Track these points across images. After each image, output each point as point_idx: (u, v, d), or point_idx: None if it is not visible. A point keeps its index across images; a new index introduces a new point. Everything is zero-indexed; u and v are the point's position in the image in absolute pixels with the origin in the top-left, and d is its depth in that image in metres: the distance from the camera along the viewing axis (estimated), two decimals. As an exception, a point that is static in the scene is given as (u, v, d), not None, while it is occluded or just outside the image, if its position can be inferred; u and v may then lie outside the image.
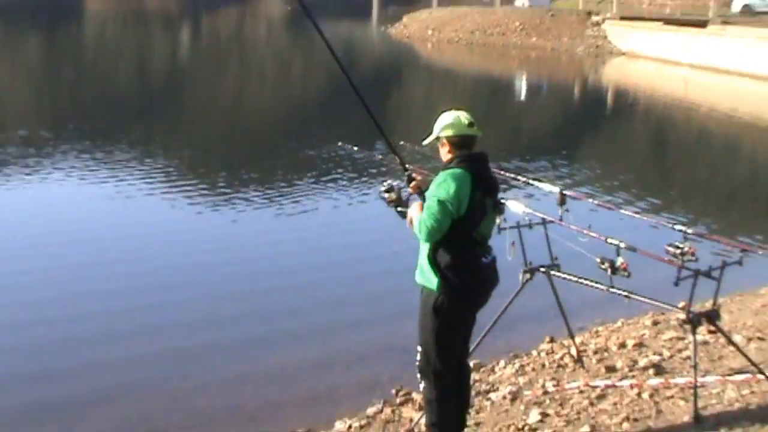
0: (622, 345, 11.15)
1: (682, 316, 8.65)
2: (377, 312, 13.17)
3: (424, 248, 7.32)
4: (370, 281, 14.66)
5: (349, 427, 9.70)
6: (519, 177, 9.60)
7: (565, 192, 9.12)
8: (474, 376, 10.63)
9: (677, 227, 8.60)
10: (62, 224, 18.50)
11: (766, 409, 8.09)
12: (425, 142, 7.63)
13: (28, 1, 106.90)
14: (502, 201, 8.65)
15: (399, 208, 7.87)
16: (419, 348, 7.50)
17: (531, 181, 9.69)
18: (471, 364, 10.07)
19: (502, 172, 10.21)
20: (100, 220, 19.11)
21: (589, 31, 71.09)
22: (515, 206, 9.04)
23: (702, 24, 61.12)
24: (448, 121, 7.42)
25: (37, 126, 30.82)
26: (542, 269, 9.51)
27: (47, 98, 41.24)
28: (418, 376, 7.64)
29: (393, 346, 11.34)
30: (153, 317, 13.17)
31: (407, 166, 7.93)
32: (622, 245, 8.57)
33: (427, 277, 7.32)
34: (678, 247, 8.27)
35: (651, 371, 9.87)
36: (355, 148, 9.30)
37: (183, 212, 19.68)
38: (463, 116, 7.47)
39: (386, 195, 7.93)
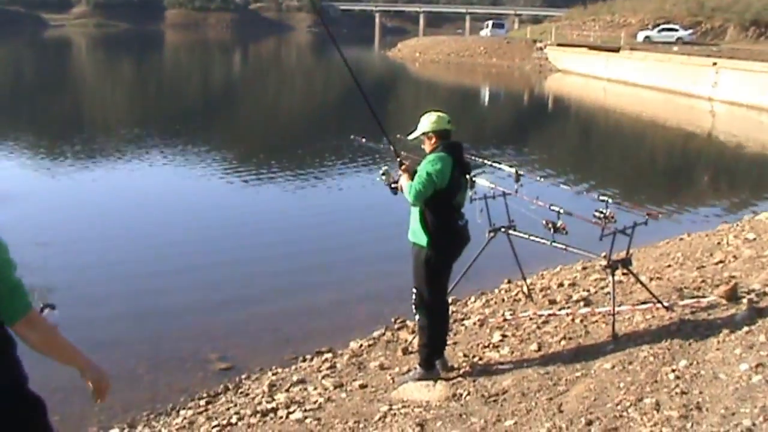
0: (561, 284, 11.15)
1: (604, 262, 8.63)
2: (380, 265, 13.18)
3: (416, 214, 7.37)
4: (374, 243, 14.68)
5: (360, 345, 9.72)
6: (486, 161, 9.54)
7: (519, 171, 9.08)
8: (452, 308, 10.63)
9: (601, 198, 8.56)
10: (151, 200, 18.58)
11: (662, 328, 8.09)
12: (412, 137, 7.65)
13: (124, 35, 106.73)
14: (473, 178, 8.63)
15: (392, 185, 7.89)
16: (414, 290, 7.54)
17: (494, 164, 9.63)
18: (449, 300, 10.09)
19: (473, 157, 10.16)
20: (177, 197, 19.29)
21: (534, 54, 71.02)
22: (482, 182, 8.99)
23: (616, 49, 61.05)
24: (434, 120, 7.49)
25: (132, 126, 30.77)
26: (503, 229, 9.51)
27: (139, 105, 41.19)
28: (414, 309, 7.69)
29: (392, 288, 11.33)
30: (219, 271, 13.19)
31: (400, 153, 7.98)
32: (562, 211, 8.55)
33: (418, 237, 7.41)
34: (602, 213, 8.25)
35: (581, 303, 9.85)
36: (363, 140, 9.25)
37: (236, 191, 19.67)
38: (443, 116, 7.56)
39: (383, 177, 7.96)
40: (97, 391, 4.02)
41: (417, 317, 7.77)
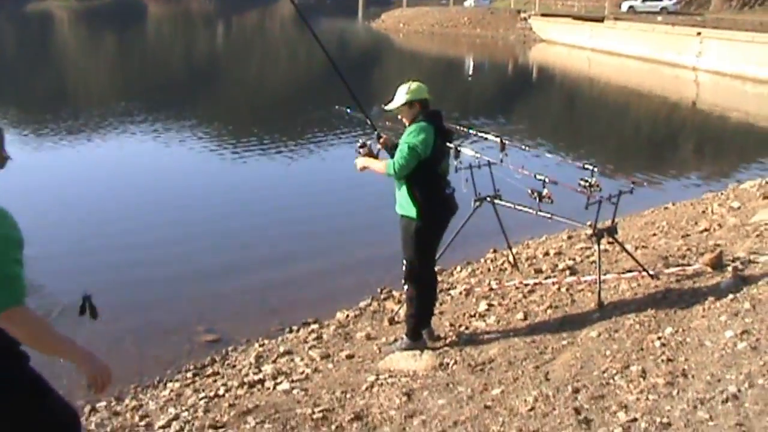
0: (546, 253, 11.16)
1: (590, 231, 8.62)
2: (365, 235, 13.16)
3: (403, 187, 7.33)
4: (360, 214, 14.66)
5: (347, 316, 9.72)
6: (471, 130, 9.48)
7: (504, 141, 9.03)
8: (438, 278, 10.64)
9: (587, 166, 8.52)
10: (136, 172, 18.51)
11: (648, 297, 8.13)
12: (393, 106, 7.46)
13: (106, 8, 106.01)
14: (459, 148, 8.60)
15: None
16: (404, 262, 7.50)
17: (479, 134, 9.57)
18: (436, 269, 10.08)
19: (458, 127, 10.11)
20: (163, 169, 19.25)
21: (518, 24, 70.80)
22: (468, 152, 8.95)
23: (600, 19, 60.92)
24: (414, 88, 7.40)
25: (116, 99, 30.61)
26: (488, 198, 9.47)
27: (122, 79, 40.89)
28: (403, 281, 7.68)
29: (378, 259, 11.34)
30: (205, 242, 13.17)
31: (377, 125, 7.98)
32: (547, 180, 8.51)
33: (407, 209, 7.37)
34: (587, 181, 8.22)
35: (567, 272, 9.87)
36: (348, 111, 9.18)
37: (221, 163, 19.63)
38: (422, 85, 7.51)
39: (361, 150, 7.87)
40: (93, 385, 3.91)
41: (406, 288, 7.76)
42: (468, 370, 7.05)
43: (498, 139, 9.15)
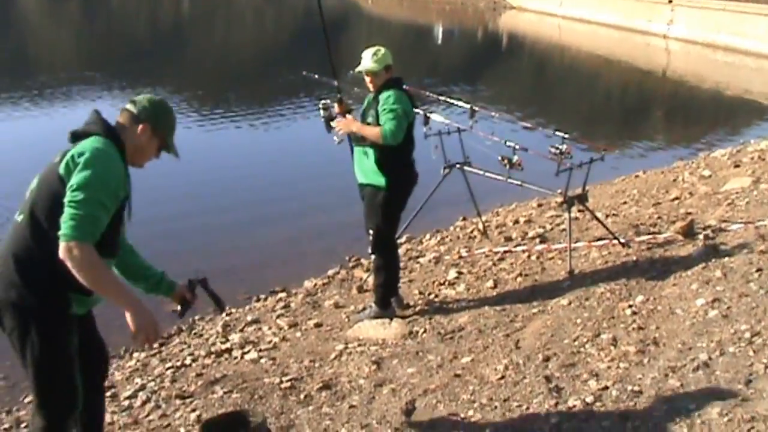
0: (516, 221, 11.17)
1: (560, 199, 8.65)
2: (333, 202, 13.05)
3: (370, 155, 7.24)
4: (328, 180, 14.53)
5: (315, 285, 9.68)
6: (440, 97, 9.46)
7: (474, 108, 9.03)
8: (406, 246, 10.63)
9: (558, 133, 8.53)
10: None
11: (619, 265, 8.17)
12: (375, 68, 7.25)
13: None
14: (428, 114, 8.58)
15: (330, 122, 7.76)
16: (370, 231, 7.45)
17: (449, 100, 9.55)
18: (404, 238, 10.08)
19: (428, 94, 10.11)
20: None
21: (488, -10, 70.66)
22: (437, 118, 8.93)
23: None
24: (384, 53, 7.29)
25: (78, 67, 30.28)
26: (458, 165, 9.47)
27: (85, 46, 40.37)
28: (370, 251, 7.65)
29: (346, 226, 11.26)
30: (170, 210, 13.01)
31: (342, 89, 7.92)
32: (517, 147, 8.52)
33: (373, 178, 7.32)
34: (558, 148, 8.23)
35: (537, 240, 9.90)
36: (316, 77, 9.10)
37: (185, 130, 19.41)
38: (388, 50, 7.39)
39: (322, 111, 7.82)
40: (137, 339, 4.14)
41: (373, 258, 7.72)
42: (438, 338, 7.05)
43: (468, 106, 9.15)
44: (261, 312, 8.95)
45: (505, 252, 9.57)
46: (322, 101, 7.88)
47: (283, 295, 9.48)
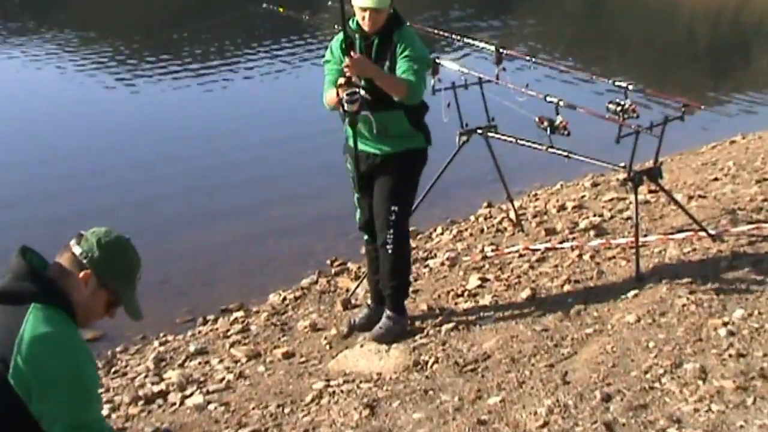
0: (562, 207, 11.16)
1: (623, 175, 8.59)
2: (310, 186, 13.07)
3: (401, 112, 7.23)
4: (302, 157, 14.55)
5: (284, 299, 9.67)
6: (453, 35, 9.43)
7: (501, 49, 9.00)
8: (411, 243, 10.62)
9: (618, 83, 8.50)
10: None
11: (708, 266, 8.13)
12: (371, 4, 7.24)
13: None
14: (438, 61, 8.57)
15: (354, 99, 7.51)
16: (395, 208, 7.48)
17: (467, 39, 9.52)
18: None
19: (436, 31, 10.08)
20: (44, 98, 19.19)
21: None
22: (451, 66, 8.91)
23: None
24: None
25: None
26: (479, 130, 9.44)
27: None
28: (388, 237, 7.56)
29: (326, 217, 11.27)
30: (88, 194, 13.07)
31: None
32: (562, 103, 8.47)
33: (412, 139, 7.48)
34: (619, 104, 8.20)
35: (591, 232, 9.89)
36: (281, 10, 9.08)
37: (103, 90, 19.48)
38: None
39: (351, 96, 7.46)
40: None
41: (391, 247, 7.64)
42: (454, 370, 7.02)
43: (492, 48, 9.12)
44: (209, 339, 8.93)
45: (547, 250, 9.55)
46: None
47: (239, 314, 9.46)
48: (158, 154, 15.00)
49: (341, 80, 7.04)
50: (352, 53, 7.05)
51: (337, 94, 7.01)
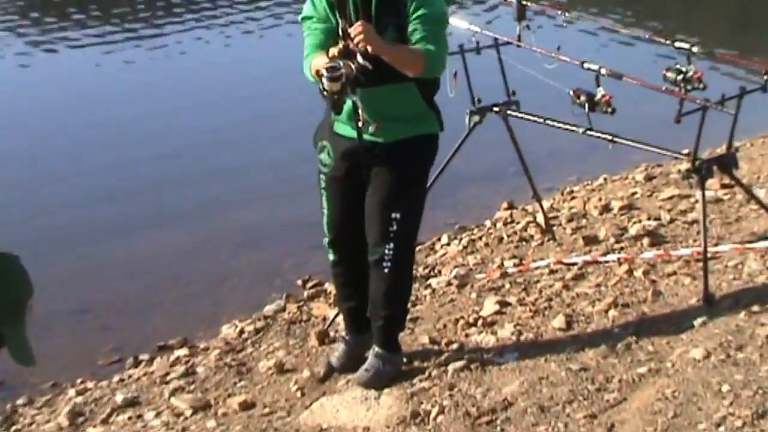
0: (606, 208, 11.15)
1: (687, 165, 8.55)
2: (277, 180, 13.09)
3: (414, 93, 7.19)
4: (265, 143, 14.58)
5: (241, 332, 9.63)
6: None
7: (524, 2, 8.97)
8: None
9: (678, 44, 8.47)
10: None
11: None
12: None
13: None
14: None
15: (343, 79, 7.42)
16: (396, 216, 7.35)
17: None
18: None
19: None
20: None
21: None
22: (459, 23, 8.89)
23: None
24: None
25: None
26: (495, 108, 9.40)
27: None
28: (391, 251, 7.50)
29: (297, 222, 11.26)
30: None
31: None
32: (604, 71, 8.43)
33: (423, 123, 7.39)
34: (680, 72, 8.14)
35: (645, 241, 9.88)
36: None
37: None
38: None
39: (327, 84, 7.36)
40: None
41: (389, 266, 7.51)
42: (465, 423, 7.01)
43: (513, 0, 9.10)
44: (142, 385, 8.93)
45: (587, 264, 9.55)
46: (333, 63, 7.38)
47: (182, 352, 9.46)
48: (73, 139, 15.01)
49: (334, 50, 6.79)
50: (357, 24, 6.80)
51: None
